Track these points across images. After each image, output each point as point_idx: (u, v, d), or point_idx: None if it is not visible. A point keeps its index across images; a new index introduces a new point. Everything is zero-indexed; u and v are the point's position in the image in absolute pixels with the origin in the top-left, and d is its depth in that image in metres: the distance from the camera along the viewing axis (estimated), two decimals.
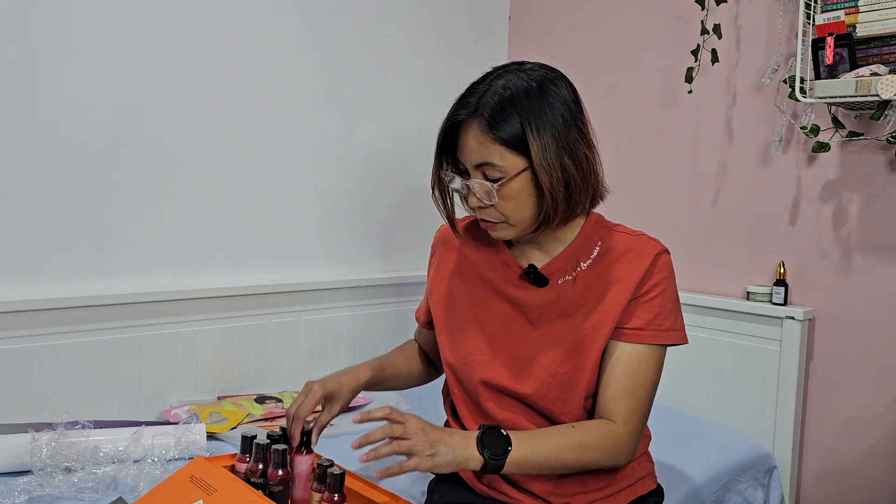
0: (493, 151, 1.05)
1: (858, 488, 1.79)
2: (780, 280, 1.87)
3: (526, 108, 1.04)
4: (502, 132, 1.04)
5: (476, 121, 1.06)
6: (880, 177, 1.74)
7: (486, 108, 1.05)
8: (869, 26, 1.58)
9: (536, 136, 1.04)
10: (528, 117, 1.04)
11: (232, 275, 1.94)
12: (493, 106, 1.05)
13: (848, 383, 1.81)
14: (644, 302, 1.12)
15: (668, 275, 1.14)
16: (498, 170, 1.05)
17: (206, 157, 1.86)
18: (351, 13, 2.12)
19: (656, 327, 1.11)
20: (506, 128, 1.04)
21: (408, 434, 0.99)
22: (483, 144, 1.05)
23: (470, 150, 1.07)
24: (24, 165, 1.59)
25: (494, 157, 1.05)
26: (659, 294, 1.12)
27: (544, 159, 1.04)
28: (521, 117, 1.04)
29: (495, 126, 1.04)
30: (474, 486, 1.20)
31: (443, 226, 1.31)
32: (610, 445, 1.08)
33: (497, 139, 1.04)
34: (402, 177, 2.28)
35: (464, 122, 1.08)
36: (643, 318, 1.11)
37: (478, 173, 1.07)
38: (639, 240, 1.16)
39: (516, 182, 1.06)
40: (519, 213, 1.08)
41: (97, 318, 1.66)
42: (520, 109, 1.04)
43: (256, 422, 1.70)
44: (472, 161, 1.08)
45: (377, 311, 2.22)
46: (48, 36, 1.59)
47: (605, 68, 2.27)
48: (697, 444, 1.77)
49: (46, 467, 1.31)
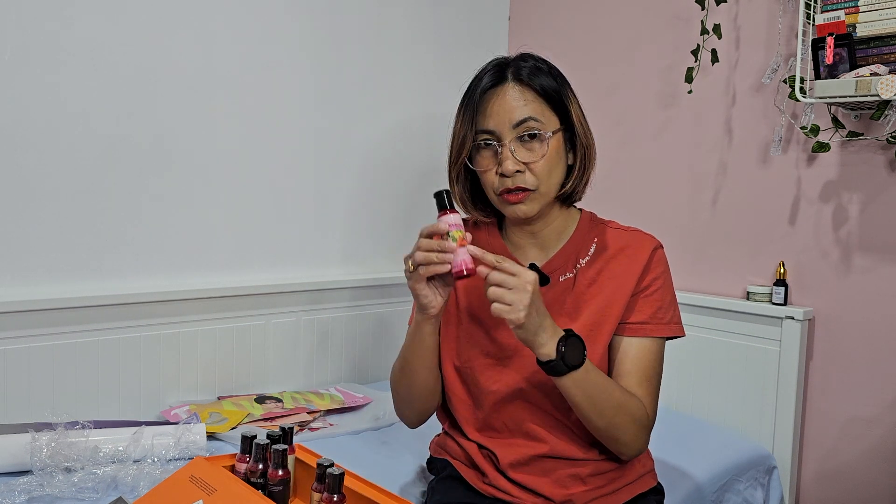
0: (536, 107, 1.11)
1: (858, 488, 1.79)
2: (780, 280, 1.87)
3: (559, 76, 1.15)
4: (544, 89, 1.11)
5: (515, 82, 1.12)
6: (880, 177, 1.74)
7: (524, 71, 1.12)
8: (869, 26, 1.58)
9: (571, 98, 1.14)
10: (563, 83, 1.14)
11: (232, 275, 1.94)
12: (529, 69, 1.12)
13: (848, 383, 1.81)
14: (645, 297, 1.15)
15: (665, 269, 1.18)
16: (540, 125, 1.10)
17: (205, 156, 1.86)
18: (351, 13, 2.12)
19: (658, 321, 1.15)
20: (546, 86, 1.11)
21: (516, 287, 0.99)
22: (526, 100, 1.11)
23: (511, 108, 1.10)
24: (23, 165, 1.59)
25: (537, 112, 1.10)
26: (658, 288, 1.16)
27: (580, 120, 1.14)
28: (556, 82, 1.13)
29: (536, 83, 1.11)
30: (475, 485, 1.20)
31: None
32: (641, 421, 1.12)
33: (540, 94, 1.11)
34: (401, 177, 2.28)
35: (494, 87, 1.12)
36: (646, 313, 1.15)
37: (515, 133, 1.10)
38: (634, 235, 1.19)
39: (555, 140, 1.12)
40: (550, 178, 1.12)
41: (97, 318, 1.66)
42: (555, 76, 1.13)
43: (256, 422, 1.70)
44: (513, 119, 1.10)
45: (377, 311, 2.22)
46: (48, 36, 1.59)
47: (604, 68, 2.27)
48: (697, 443, 1.77)
49: (46, 467, 1.31)
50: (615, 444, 1.13)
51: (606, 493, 1.17)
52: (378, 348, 2.22)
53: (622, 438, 1.11)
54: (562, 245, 1.19)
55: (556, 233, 1.19)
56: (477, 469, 1.21)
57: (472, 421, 1.22)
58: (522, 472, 1.17)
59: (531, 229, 1.19)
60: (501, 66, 1.14)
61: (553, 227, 1.18)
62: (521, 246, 1.21)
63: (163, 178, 1.79)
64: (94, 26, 1.65)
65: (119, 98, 1.70)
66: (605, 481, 1.18)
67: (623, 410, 1.09)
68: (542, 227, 1.18)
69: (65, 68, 1.62)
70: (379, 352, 2.22)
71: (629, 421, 1.10)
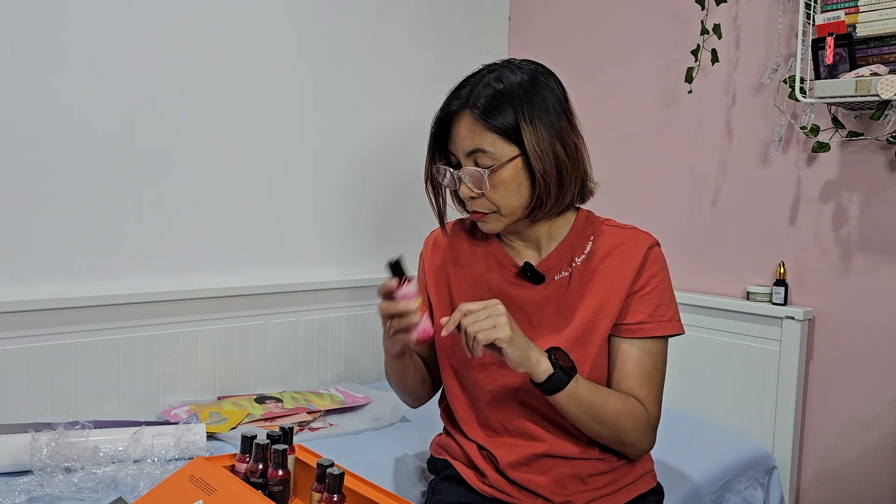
0: (485, 138, 1.07)
1: (858, 488, 1.79)
2: (780, 280, 1.87)
3: (518, 98, 1.07)
4: (495, 120, 1.06)
5: (469, 110, 1.08)
6: (880, 177, 1.74)
7: (479, 99, 1.08)
8: (869, 26, 1.58)
9: (529, 123, 1.06)
10: (521, 107, 1.07)
11: (231, 275, 1.94)
12: (486, 96, 1.08)
13: (848, 383, 1.81)
14: (642, 296, 1.14)
15: (661, 266, 1.17)
16: (489, 157, 1.07)
17: (204, 156, 1.86)
18: (350, 13, 2.12)
19: (658, 319, 1.14)
20: (498, 116, 1.06)
21: (490, 313, 1.01)
22: (475, 132, 1.08)
23: (462, 137, 1.09)
24: (23, 165, 1.59)
25: (486, 143, 1.07)
26: (656, 286, 1.15)
27: (537, 146, 1.06)
28: (513, 107, 1.07)
29: (488, 114, 1.07)
30: (475, 485, 1.20)
31: (431, 234, 1.34)
32: (644, 422, 1.12)
33: (489, 127, 1.07)
34: (400, 177, 2.28)
35: (457, 113, 1.10)
36: (644, 312, 1.14)
37: (469, 161, 1.09)
38: (630, 233, 1.18)
39: (507, 169, 1.08)
40: (509, 201, 1.10)
41: (97, 318, 1.66)
42: (512, 100, 1.07)
43: (256, 422, 1.70)
44: (463, 149, 1.09)
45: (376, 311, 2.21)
46: (48, 36, 1.59)
47: (604, 68, 2.27)
48: (697, 443, 1.77)
49: (46, 467, 1.31)
50: (622, 447, 1.14)
51: (606, 493, 1.17)
52: (378, 348, 2.22)
53: (627, 440, 1.12)
54: (557, 244, 1.18)
55: (551, 232, 1.19)
56: (477, 470, 1.21)
57: (470, 420, 1.23)
58: (522, 472, 1.17)
59: (520, 234, 1.19)
60: (470, 88, 1.10)
61: (545, 228, 1.18)
62: (516, 246, 1.21)
63: (163, 178, 1.79)
64: (94, 26, 1.65)
65: (119, 98, 1.70)
66: (605, 482, 1.18)
67: (623, 414, 1.10)
68: (533, 231, 1.18)
69: (65, 68, 1.62)
70: (379, 352, 2.21)
71: (631, 423, 1.10)
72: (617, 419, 1.09)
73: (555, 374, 1.03)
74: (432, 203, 1.21)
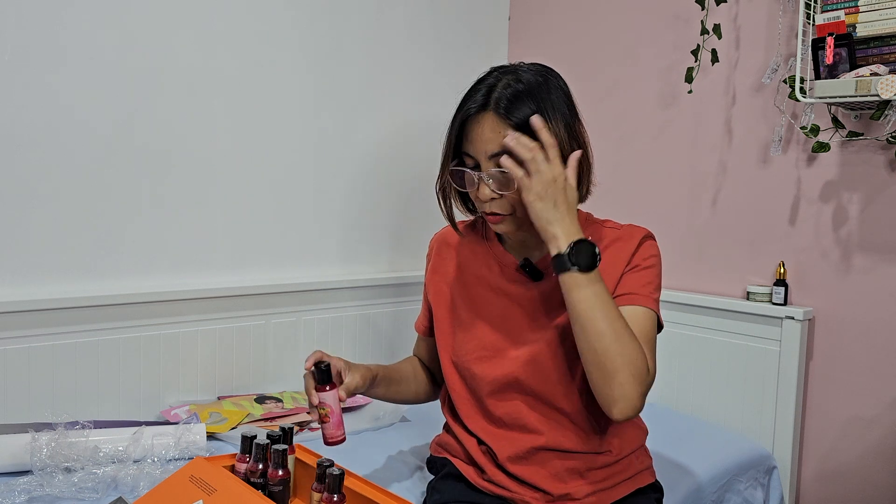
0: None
1: (858, 488, 1.79)
2: (780, 280, 1.87)
3: (538, 98, 1.08)
4: (519, 120, 1.06)
5: (491, 112, 1.08)
6: (880, 177, 1.74)
7: (502, 100, 1.07)
8: (869, 26, 1.58)
9: (553, 122, 1.07)
10: (542, 106, 1.07)
11: (231, 275, 1.94)
12: (507, 97, 1.07)
13: (848, 383, 1.81)
14: (633, 271, 1.14)
15: (655, 254, 1.17)
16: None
17: (204, 156, 1.86)
18: (350, 13, 2.12)
19: (648, 294, 1.13)
20: (522, 116, 1.06)
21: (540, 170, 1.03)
22: (500, 133, 1.07)
23: (486, 139, 1.08)
24: (23, 165, 1.59)
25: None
26: (648, 267, 1.15)
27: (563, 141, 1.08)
28: (535, 106, 1.07)
29: (512, 114, 1.06)
30: (475, 481, 1.21)
31: (438, 232, 1.35)
32: (641, 366, 1.03)
33: (514, 126, 1.06)
34: (401, 177, 2.28)
35: (477, 114, 1.09)
36: (635, 285, 1.13)
37: (491, 164, 1.08)
38: (626, 229, 1.19)
39: None
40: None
41: (97, 318, 1.66)
42: (534, 99, 1.07)
43: (256, 422, 1.70)
44: (488, 151, 1.08)
45: (377, 311, 2.22)
46: (48, 36, 1.59)
47: (604, 68, 2.27)
48: (697, 443, 1.77)
49: (46, 467, 1.31)
50: (608, 385, 1.02)
51: (604, 487, 1.18)
52: (378, 348, 2.22)
53: (617, 378, 1.01)
54: None
55: None
56: (476, 466, 1.22)
57: (471, 415, 1.23)
58: (521, 466, 1.17)
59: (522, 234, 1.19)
60: (488, 90, 1.10)
61: None
62: (516, 244, 1.22)
63: (163, 177, 1.79)
64: (94, 26, 1.65)
65: (119, 98, 1.70)
66: (604, 476, 1.18)
67: (623, 341, 1.01)
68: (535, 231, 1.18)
69: (65, 68, 1.62)
70: (379, 352, 2.22)
71: (629, 355, 1.01)
72: (614, 340, 1.01)
73: (562, 254, 1.02)
74: (442, 205, 1.20)
